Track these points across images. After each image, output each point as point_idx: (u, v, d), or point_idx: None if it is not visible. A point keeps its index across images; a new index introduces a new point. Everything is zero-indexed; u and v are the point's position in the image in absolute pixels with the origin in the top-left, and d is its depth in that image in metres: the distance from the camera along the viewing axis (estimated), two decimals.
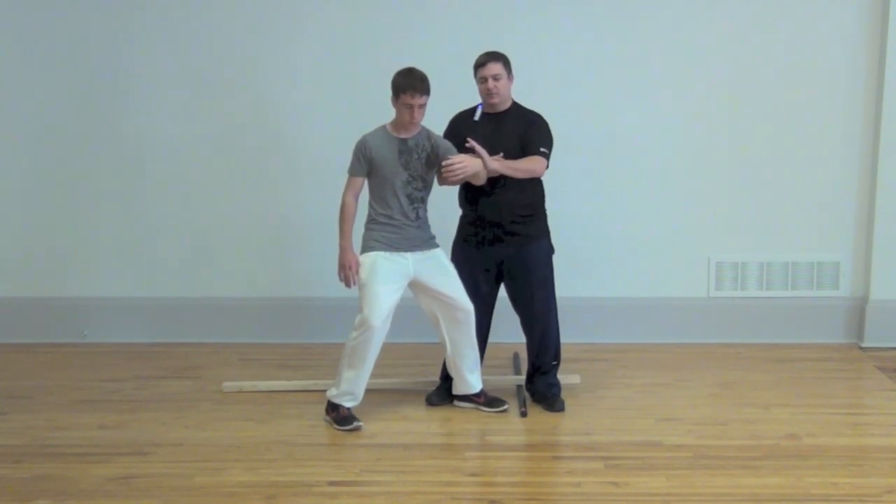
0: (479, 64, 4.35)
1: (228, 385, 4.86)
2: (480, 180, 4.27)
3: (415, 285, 4.34)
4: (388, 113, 5.42)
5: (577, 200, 5.37)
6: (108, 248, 5.71)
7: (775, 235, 5.54)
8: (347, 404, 4.34)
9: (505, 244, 4.42)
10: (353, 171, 4.28)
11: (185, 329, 5.69)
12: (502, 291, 4.59)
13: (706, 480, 3.71)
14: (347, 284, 4.28)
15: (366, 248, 4.28)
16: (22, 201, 5.71)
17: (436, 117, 4.38)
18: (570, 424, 4.35)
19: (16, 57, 5.56)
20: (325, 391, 4.53)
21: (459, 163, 4.17)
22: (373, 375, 4.89)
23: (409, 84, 4.13)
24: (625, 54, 5.39)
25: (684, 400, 4.66)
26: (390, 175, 4.23)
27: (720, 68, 5.40)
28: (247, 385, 4.87)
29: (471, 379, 4.48)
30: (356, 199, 4.29)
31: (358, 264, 4.25)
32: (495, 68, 4.31)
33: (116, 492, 3.68)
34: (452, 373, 4.50)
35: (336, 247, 4.28)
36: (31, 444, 4.16)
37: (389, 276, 4.22)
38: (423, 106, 4.18)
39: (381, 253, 4.24)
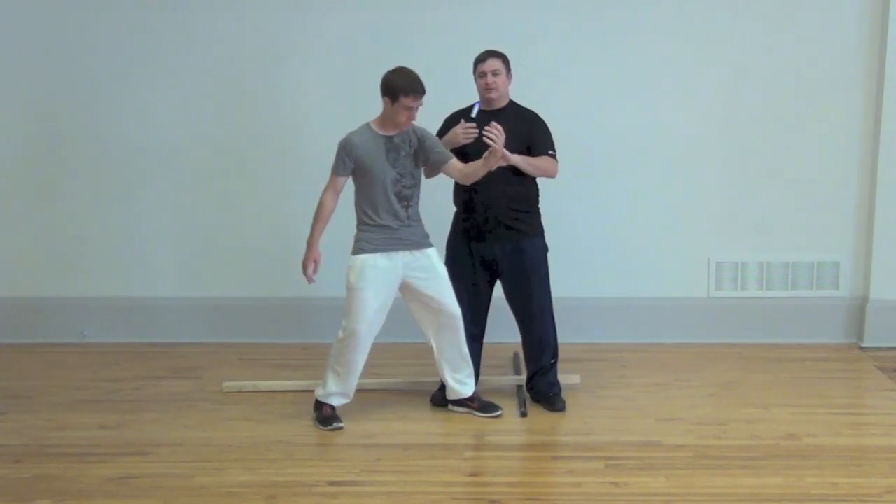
0: (479, 60, 4.37)
1: (228, 385, 4.86)
2: (478, 175, 4.17)
3: (403, 287, 4.28)
4: None
5: (576, 200, 5.38)
6: (108, 248, 5.71)
7: (775, 235, 5.54)
8: (336, 403, 4.33)
9: (500, 239, 4.40)
10: (337, 171, 4.20)
11: (185, 329, 5.69)
12: (498, 291, 4.58)
13: (706, 480, 3.71)
14: (308, 279, 4.28)
15: (356, 251, 4.21)
16: (22, 201, 5.71)
17: (431, 117, 4.37)
18: (570, 424, 4.35)
19: (16, 57, 5.56)
20: None
21: (498, 129, 4.02)
22: (373, 375, 4.91)
23: (412, 87, 4.05)
24: (624, 54, 5.39)
25: (684, 400, 4.66)
26: (379, 174, 4.14)
27: (720, 68, 5.40)
28: (247, 385, 4.87)
29: (455, 385, 4.40)
30: (336, 198, 4.23)
31: (318, 262, 4.26)
32: (495, 64, 4.33)
33: (116, 492, 3.68)
34: (440, 377, 4.47)
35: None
36: (31, 444, 4.16)
37: (378, 280, 4.17)
38: (420, 107, 4.15)
39: (371, 255, 4.16)
